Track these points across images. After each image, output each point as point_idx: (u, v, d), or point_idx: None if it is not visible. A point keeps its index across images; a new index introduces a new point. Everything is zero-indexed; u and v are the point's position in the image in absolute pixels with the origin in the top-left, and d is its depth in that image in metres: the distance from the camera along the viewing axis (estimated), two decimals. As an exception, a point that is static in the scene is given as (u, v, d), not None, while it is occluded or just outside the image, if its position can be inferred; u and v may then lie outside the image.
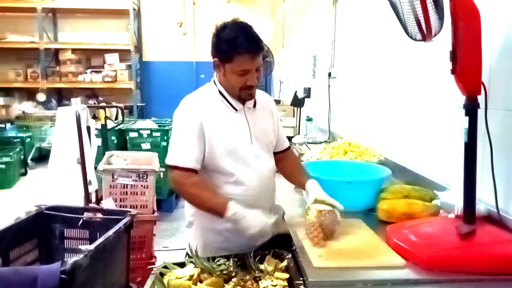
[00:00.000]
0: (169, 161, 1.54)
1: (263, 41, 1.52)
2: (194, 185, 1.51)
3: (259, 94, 1.69)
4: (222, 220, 1.47)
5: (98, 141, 3.44)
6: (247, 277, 1.24)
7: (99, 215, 2.00)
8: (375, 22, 2.55)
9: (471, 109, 1.20)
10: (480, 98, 1.20)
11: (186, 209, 1.69)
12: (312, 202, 1.47)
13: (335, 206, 1.44)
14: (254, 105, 1.64)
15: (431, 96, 1.83)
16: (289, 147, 1.82)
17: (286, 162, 1.78)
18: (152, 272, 1.27)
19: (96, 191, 3.08)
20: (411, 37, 1.27)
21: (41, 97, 7.82)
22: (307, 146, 3.00)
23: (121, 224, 1.80)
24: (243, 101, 1.60)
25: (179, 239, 3.93)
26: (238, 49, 1.45)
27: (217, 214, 1.46)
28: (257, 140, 1.60)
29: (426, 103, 1.88)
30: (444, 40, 1.22)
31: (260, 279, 1.24)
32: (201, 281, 1.23)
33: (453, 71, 1.19)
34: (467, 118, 1.20)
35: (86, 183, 2.76)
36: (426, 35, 1.21)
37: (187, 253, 1.56)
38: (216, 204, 1.47)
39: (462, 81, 1.20)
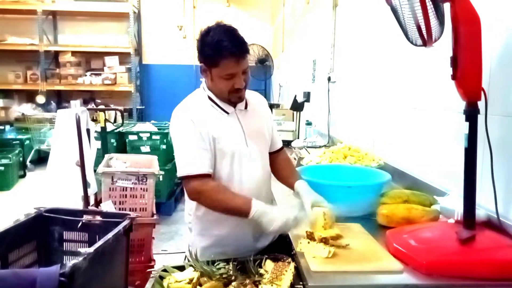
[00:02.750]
0: (181, 173, 1.51)
1: (247, 43, 1.51)
2: (213, 190, 1.49)
3: (250, 95, 1.69)
4: (220, 226, 1.46)
5: (97, 144, 3.44)
6: (247, 281, 1.23)
7: (98, 217, 2.00)
8: (375, 26, 2.55)
9: (471, 114, 1.20)
10: (480, 104, 1.20)
11: (186, 216, 1.69)
12: (310, 207, 1.46)
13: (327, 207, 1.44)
14: (246, 107, 1.63)
15: (431, 101, 1.83)
16: (282, 148, 1.80)
17: (277, 162, 1.76)
18: (152, 275, 1.27)
19: (96, 193, 3.08)
20: (411, 42, 1.28)
21: (40, 99, 7.83)
22: (306, 150, 3.00)
23: (120, 227, 1.80)
24: (234, 104, 1.59)
25: (178, 242, 3.92)
26: (222, 53, 1.44)
27: (242, 215, 1.43)
28: (252, 141, 1.60)
29: (426, 108, 1.88)
30: (444, 45, 1.23)
31: (260, 283, 1.23)
32: (200, 285, 1.22)
33: (454, 77, 1.20)
34: (467, 123, 1.20)
35: (85, 186, 2.76)
36: (426, 40, 1.21)
37: (186, 257, 1.56)
38: (239, 204, 1.44)
39: (462, 87, 1.20)
